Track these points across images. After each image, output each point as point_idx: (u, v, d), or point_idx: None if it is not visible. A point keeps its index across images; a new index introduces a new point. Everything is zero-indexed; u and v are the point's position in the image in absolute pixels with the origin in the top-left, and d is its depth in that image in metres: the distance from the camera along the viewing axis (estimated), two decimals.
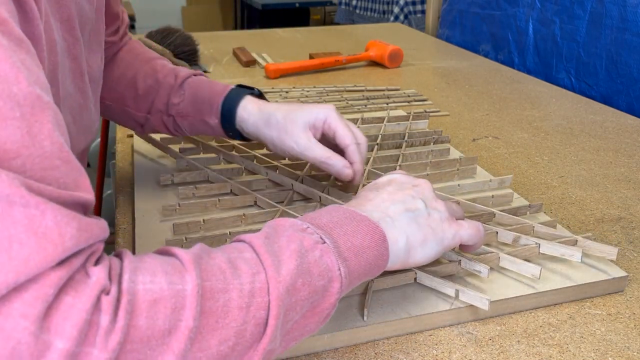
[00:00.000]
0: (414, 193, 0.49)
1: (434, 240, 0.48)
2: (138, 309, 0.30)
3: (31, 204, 0.28)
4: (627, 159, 0.89)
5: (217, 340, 0.33)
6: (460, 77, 1.33)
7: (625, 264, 0.62)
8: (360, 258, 0.42)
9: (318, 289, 0.39)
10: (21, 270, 0.27)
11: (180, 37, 1.33)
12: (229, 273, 0.35)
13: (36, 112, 0.31)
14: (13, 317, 0.27)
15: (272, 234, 0.40)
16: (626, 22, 1.13)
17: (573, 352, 0.50)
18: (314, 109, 0.63)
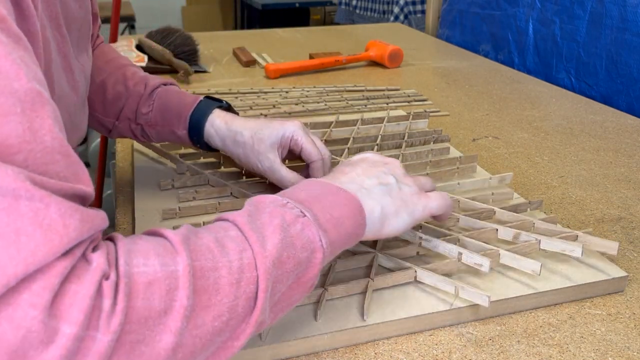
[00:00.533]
0: (386, 170, 0.52)
1: (406, 211, 0.50)
2: (135, 292, 0.31)
3: (36, 197, 0.29)
4: (627, 159, 0.89)
5: (211, 317, 0.34)
6: (460, 77, 1.33)
7: (626, 264, 0.62)
8: (340, 228, 0.44)
9: (302, 260, 0.41)
10: (30, 262, 0.28)
11: (180, 37, 1.33)
12: (217, 252, 0.36)
13: (37, 107, 0.32)
14: (22, 307, 0.28)
15: (254, 211, 0.42)
16: (626, 22, 1.13)
17: (573, 352, 0.50)
18: (281, 127, 0.64)
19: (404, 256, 0.58)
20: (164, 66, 1.29)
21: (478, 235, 0.60)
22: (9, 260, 0.28)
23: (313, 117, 1.02)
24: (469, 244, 0.59)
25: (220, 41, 1.65)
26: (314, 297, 0.52)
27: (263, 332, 0.48)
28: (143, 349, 0.31)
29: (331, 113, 1.05)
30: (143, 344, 0.31)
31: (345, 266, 0.57)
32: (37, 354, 0.28)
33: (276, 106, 1.08)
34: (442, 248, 0.58)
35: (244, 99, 1.12)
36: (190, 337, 0.33)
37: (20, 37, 0.34)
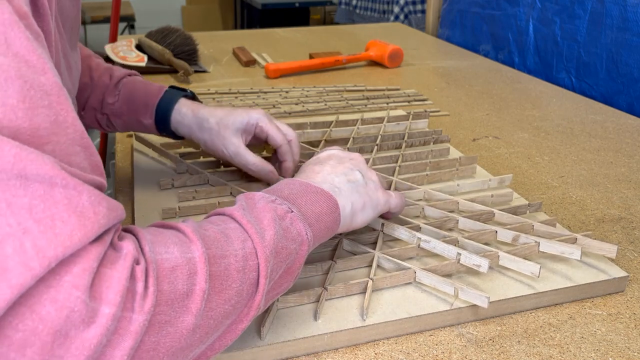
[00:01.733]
0: (352, 165, 0.56)
1: (371, 206, 0.54)
2: (161, 276, 0.34)
3: (70, 185, 0.31)
4: (627, 159, 0.89)
5: (222, 300, 0.37)
6: (460, 77, 1.33)
7: (626, 264, 0.62)
8: (320, 223, 0.48)
9: (292, 251, 0.44)
10: (67, 245, 0.30)
11: (180, 37, 1.33)
12: (223, 242, 0.39)
13: (61, 100, 0.34)
14: (65, 289, 0.29)
15: (246, 206, 0.44)
16: (627, 21, 1.13)
17: (573, 353, 0.50)
18: (245, 114, 0.67)
19: (403, 257, 0.58)
20: (164, 66, 1.29)
21: (477, 237, 0.60)
22: (47, 243, 0.29)
23: (313, 117, 1.01)
24: (468, 245, 0.59)
25: (220, 41, 1.65)
26: (314, 297, 0.52)
27: (263, 332, 0.48)
28: (169, 329, 0.34)
29: (331, 113, 1.05)
30: (169, 324, 0.34)
31: (345, 266, 0.57)
32: (79, 333, 0.29)
33: (276, 106, 1.08)
34: (441, 249, 0.57)
35: (244, 98, 1.12)
36: (206, 319, 0.36)
37: (39, 34, 0.35)
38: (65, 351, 0.29)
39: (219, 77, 1.30)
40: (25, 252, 0.29)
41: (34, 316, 0.29)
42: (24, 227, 0.29)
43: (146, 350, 0.33)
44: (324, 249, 0.60)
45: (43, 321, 0.29)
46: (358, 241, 0.60)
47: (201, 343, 0.37)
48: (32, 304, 0.29)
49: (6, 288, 0.28)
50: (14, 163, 0.30)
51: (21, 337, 0.29)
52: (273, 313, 0.50)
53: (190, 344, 0.35)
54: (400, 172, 0.77)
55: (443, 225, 0.64)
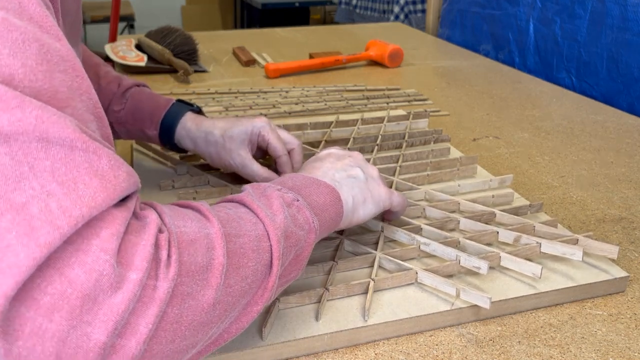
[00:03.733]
0: (351, 162, 0.56)
1: (372, 201, 0.54)
2: (181, 247, 0.34)
3: (90, 149, 0.31)
4: (628, 159, 0.89)
5: (240, 277, 0.37)
6: (460, 77, 1.33)
7: (626, 264, 0.62)
8: (325, 214, 0.48)
9: (300, 238, 0.44)
10: (92, 205, 0.30)
11: (180, 37, 1.32)
12: (237, 222, 0.39)
13: (77, 67, 0.34)
14: (94, 252, 0.29)
15: (254, 192, 0.45)
16: (627, 21, 1.13)
17: (574, 353, 0.50)
18: (248, 124, 0.67)
19: (405, 257, 0.58)
20: (164, 66, 1.28)
21: (479, 238, 0.60)
22: (72, 204, 0.29)
23: (313, 117, 1.01)
24: (469, 246, 0.59)
25: (220, 41, 1.65)
26: (315, 297, 0.52)
27: (264, 332, 0.48)
28: (191, 302, 0.33)
29: (331, 113, 1.05)
30: (191, 297, 0.33)
31: (346, 267, 0.57)
32: (107, 298, 0.29)
33: (276, 106, 1.08)
34: (441, 252, 0.57)
35: (244, 98, 1.12)
36: (225, 295, 0.36)
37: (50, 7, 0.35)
38: (93, 317, 0.29)
39: (218, 77, 1.30)
40: (52, 212, 0.29)
41: (62, 279, 0.28)
42: (48, 190, 0.29)
43: (169, 323, 0.32)
44: (325, 249, 0.60)
45: (72, 284, 0.29)
46: (359, 242, 0.60)
47: (220, 321, 0.36)
48: (61, 266, 0.29)
49: (35, 247, 0.28)
50: (35, 125, 0.29)
51: (49, 300, 0.28)
52: (274, 313, 0.50)
53: (210, 319, 0.35)
54: (401, 172, 0.77)
55: (444, 225, 0.64)
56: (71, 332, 0.29)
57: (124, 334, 0.30)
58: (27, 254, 0.28)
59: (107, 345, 0.29)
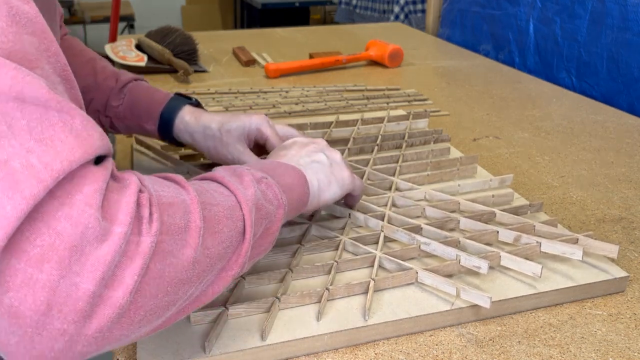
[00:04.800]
0: (315, 148, 0.59)
1: (337, 183, 0.58)
2: (162, 207, 0.36)
3: (64, 109, 0.32)
4: (628, 159, 0.89)
5: (216, 242, 0.39)
6: (460, 77, 1.33)
7: (626, 264, 0.62)
8: (293, 193, 0.51)
9: (270, 211, 0.46)
10: (71, 159, 0.31)
11: (180, 37, 1.33)
12: (210, 194, 0.42)
13: (45, 29, 0.35)
14: (79, 206, 0.31)
15: (225, 171, 0.47)
16: (627, 21, 1.13)
17: (574, 353, 0.50)
18: (247, 120, 0.68)
19: (405, 257, 0.58)
20: (164, 66, 1.28)
21: (479, 238, 0.60)
22: (52, 159, 0.30)
23: (313, 117, 1.01)
24: (469, 246, 0.59)
25: (220, 41, 1.65)
26: (316, 297, 0.52)
27: (264, 332, 0.48)
28: (172, 260, 0.35)
29: (331, 113, 1.05)
30: (172, 255, 0.35)
31: (347, 267, 0.57)
32: (93, 250, 0.31)
33: (276, 106, 1.08)
34: (441, 251, 0.57)
35: (244, 98, 1.12)
36: (203, 256, 0.38)
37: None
38: (81, 267, 0.30)
39: (218, 77, 1.30)
40: (33, 167, 0.30)
41: (50, 231, 0.30)
42: (27, 147, 0.30)
43: (153, 277, 0.34)
44: (325, 249, 0.60)
45: (60, 236, 0.30)
46: (360, 242, 0.60)
47: (198, 281, 0.38)
48: (48, 219, 0.30)
49: (20, 199, 0.29)
50: (11, 85, 0.30)
51: (39, 252, 0.29)
52: (274, 313, 0.50)
53: (190, 277, 0.37)
54: (401, 172, 0.77)
55: (444, 225, 0.64)
56: (61, 282, 0.30)
57: (111, 285, 0.32)
58: (14, 206, 0.29)
59: (95, 295, 0.31)
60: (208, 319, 0.50)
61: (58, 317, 0.30)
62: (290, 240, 0.62)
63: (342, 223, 0.65)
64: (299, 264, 0.58)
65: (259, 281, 0.55)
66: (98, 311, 0.32)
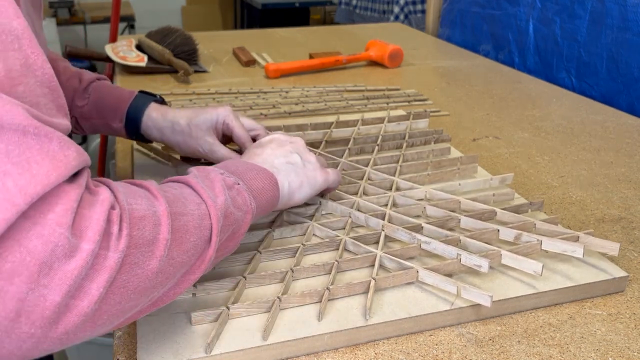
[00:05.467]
0: (291, 149, 0.61)
1: (308, 185, 0.60)
2: (132, 223, 0.38)
3: (41, 133, 0.34)
4: (627, 159, 0.89)
5: (181, 251, 0.41)
6: (460, 77, 1.33)
7: (626, 264, 0.62)
8: (262, 197, 0.53)
9: (238, 218, 0.49)
10: (45, 183, 0.33)
11: (180, 37, 1.33)
12: (182, 202, 0.44)
13: (32, 44, 0.36)
14: (50, 225, 0.33)
15: (199, 175, 0.49)
16: (627, 21, 1.13)
17: (573, 353, 0.50)
18: (213, 112, 0.71)
19: (405, 256, 0.58)
20: (164, 66, 1.29)
21: (479, 236, 0.60)
22: (27, 182, 0.32)
23: (313, 117, 1.02)
24: (470, 244, 0.59)
25: (220, 41, 1.65)
26: (317, 297, 0.52)
27: (264, 332, 0.48)
28: (137, 271, 0.38)
29: (331, 113, 1.05)
30: (137, 266, 0.38)
31: (347, 266, 0.57)
32: (61, 265, 0.33)
33: (276, 106, 1.08)
34: (442, 250, 0.58)
35: (244, 99, 1.12)
36: (167, 266, 0.40)
37: None
38: (50, 280, 0.33)
39: (219, 77, 1.31)
40: (8, 191, 0.32)
41: (22, 249, 0.32)
42: (4, 170, 0.32)
43: (118, 287, 0.36)
44: (326, 249, 0.60)
45: (30, 253, 0.32)
46: (360, 241, 0.60)
47: (161, 287, 0.41)
48: (20, 238, 0.32)
49: None
50: None
51: (10, 267, 0.32)
52: (275, 313, 0.50)
53: (153, 285, 0.39)
54: (402, 171, 0.77)
55: (445, 224, 0.64)
56: (29, 294, 0.32)
57: (78, 295, 0.34)
58: None
59: (61, 305, 0.33)
60: (209, 318, 0.50)
61: (26, 323, 0.33)
62: (291, 240, 0.63)
63: (343, 223, 0.65)
64: (300, 263, 0.58)
65: (259, 281, 0.55)
66: (64, 318, 0.34)
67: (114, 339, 0.51)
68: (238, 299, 0.52)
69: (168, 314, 0.51)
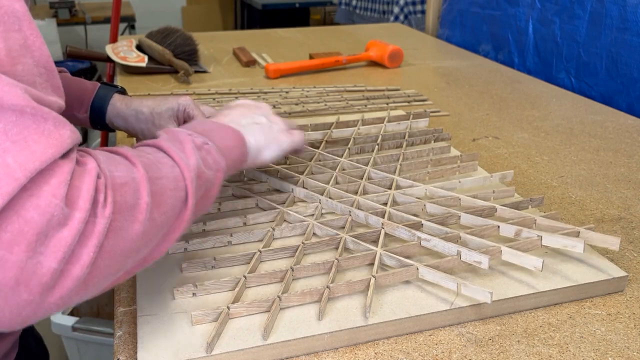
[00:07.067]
0: (258, 112, 0.64)
1: (275, 144, 0.63)
2: (115, 189, 0.40)
3: (38, 113, 0.36)
4: (627, 159, 0.89)
5: (161, 212, 0.44)
6: (460, 77, 1.33)
7: (625, 263, 0.62)
8: (231, 154, 0.55)
9: (210, 177, 0.51)
10: (43, 159, 0.35)
11: (181, 37, 1.33)
12: (156, 167, 0.46)
13: (31, 26, 0.39)
14: (46, 197, 0.35)
15: (170, 138, 0.51)
16: (626, 22, 1.13)
17: (573, 352, 0.50)
18: (175, 102, 0.74)
19: (405, 254, 0.59)
20: (164, 66, 1.29)
21: (479, 233, 0.60)
22: (26, 158, 0.35)
23: (313, 118, 1.02)
24: (470, 241, 0.59)
25: (221, 41, 1.65)
26: (317, 296, 0.53)
27: (264, 331, 0.48)
28: (123, 234, 0.40)
29: (331, 113, 1.05)
30: (123, 230, 0.40)
31: (347, 265, 0.57)
32: (56, 233, 0.35)
33: (276, 106, 1.08)
34: (442, 247, 0.58)
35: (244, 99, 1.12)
36: (149, 227, 0.43)
37: None
38: (45, 248, 0.35)
39: (219, 77, 1.31)
40: (9, 166, 0.34)
41: (20, 220, 0.34)
42: (3, 147, 0.34)
43: (106, 251, 0.39)
44: (326, 247, 0.60)
45: (28, 224, 0.34)
46: (360, 239, 0.60)
47: (146, 247, 0.43)
48: (19, 209, 0.34)
49: None
50: None
51: (9, 237, 0.34)
52: (275, 313, 0.50)
53: (138, 247, 0.42)
54: (402, 170, 0.77)
55: (445, 221, 0.64)
56: (28, 261, 0.35)
57: (71, 261, 0.37)
58: None
59: (57, 271, 0.36)
60: (209, 318, 0.50)
61: (25, 290, 0.35)
62: (291, 239, 0.63)
63: (343, 221, 0.65)
64: (300, 262, 0.58)
65: (259, 280, 0.55)
66: (60, 283, 0.36)
67: (115, 339, 0.52)
68: (238, 299, 0.52)
69: (168, 313, 0.51)
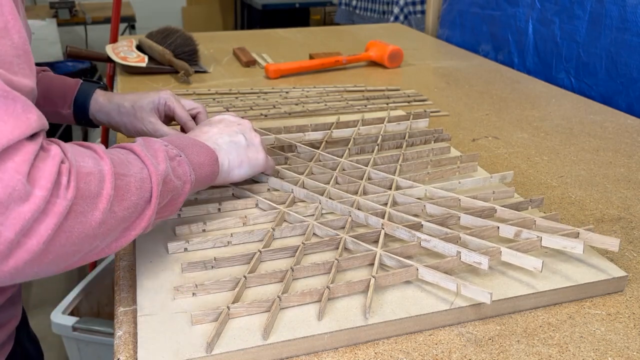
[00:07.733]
0: (237, 129, 0.66)
1: (248, 164, 0.66)
2: (79, 177, 0.42)
3: (9, 96, 0.39)
4: (626, 159, 0.89)
5: (123, 207, 0.46)
6: (460, 77, 1.33)
7: (625, 263, 0.62)
8: (202, 170, 0.58)
9: (177, 186, 0.54)
10: (10, 138, 0.38)
11: (181, 37, 1.33)
12: (125, 165, 0.48)
13: (12, 11, 0.42)
14: (9, 172, 0.38)
15: (144, 144, 0.53)
16: (626, 22, 1.13)
17: (573, 352, 0.50)
18: (155, 96, 0.77)
19: (405, 254, 0.59)
20: (164, 66, 1.29)
21: (479, 234, 0.60)
22: None
23: (313, 118, 1.02)
24: (470, 242, 0.59)
25: (221, 41, 1.65)
26: (317, 296, 0.53)
27: (265, 331, 0.48)
28: (82, 219, 0.42)
29: (331, 113, 1.05)
30: (83, 215, 0.42)
31: (347, 265, 0.57)
32: (16, 207, 0.38)
33: (276, 106, 1.08)
34: (442, 248, 0.58)
35: (244, 99, 1.13)
36: (109, 218, 0.45)
37: None
38: (5, 219, 0.38)
39: (219, 77, 1.31)
40: None
41: None
42: None
43: (64, 232, 0.41)
44: (326, 247, 0.60)
45: None
46: (360, 239, 0.60)
47: (103, 237, 0.45)
48: None
49: None
50: None
51: None
52: (275, 313, 0.50)
53: (96, 234, 0.44)
54: (402, 170, 0.77)
55: (445, 222, 0.64)
56: None
57: (28, 234, 0.39)
58: None
59: (13, 242, 0.38)
60: (209, 318, 0.50)
61: None
62: (291, 239, 0.63)
63: (343, 222, 0.65)
64: (300, 263, 0.58)
65: (259, 280, 0.55)
66: (15, 254, 0.39)
67: (115, 339, 0.52)
68: (238, 299, 0.53)
69: (168, 313, 0.51)
